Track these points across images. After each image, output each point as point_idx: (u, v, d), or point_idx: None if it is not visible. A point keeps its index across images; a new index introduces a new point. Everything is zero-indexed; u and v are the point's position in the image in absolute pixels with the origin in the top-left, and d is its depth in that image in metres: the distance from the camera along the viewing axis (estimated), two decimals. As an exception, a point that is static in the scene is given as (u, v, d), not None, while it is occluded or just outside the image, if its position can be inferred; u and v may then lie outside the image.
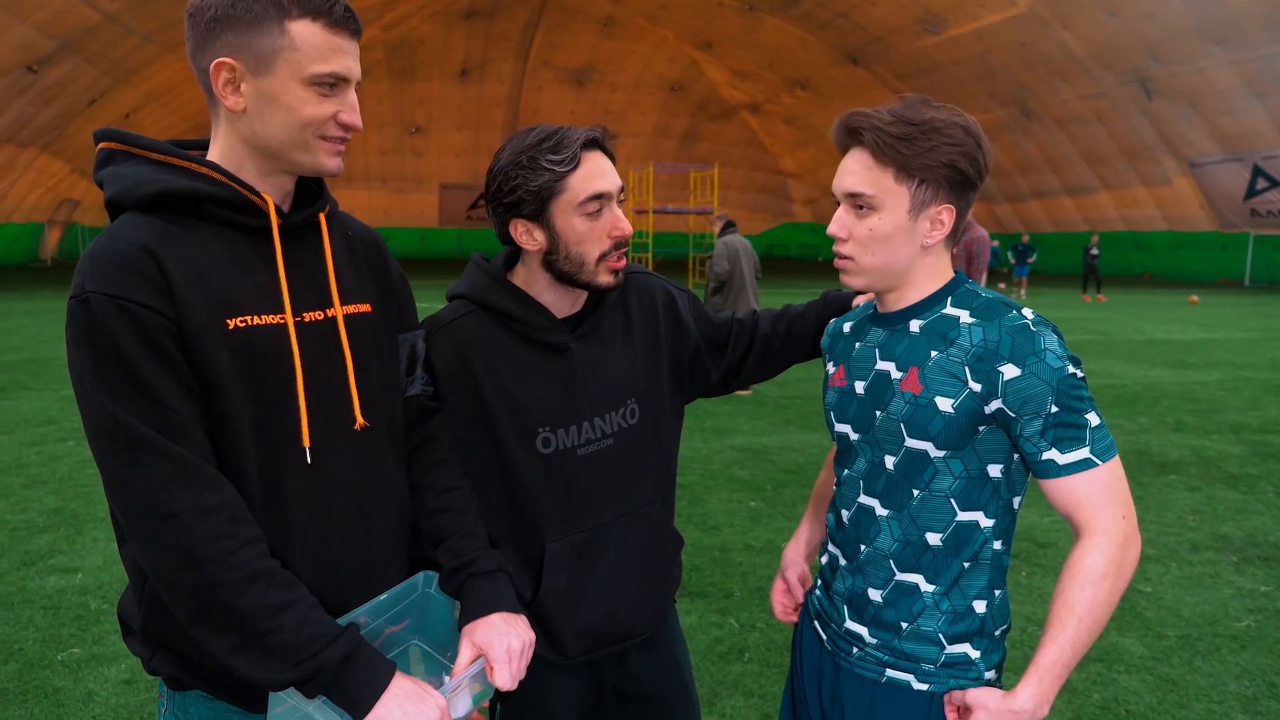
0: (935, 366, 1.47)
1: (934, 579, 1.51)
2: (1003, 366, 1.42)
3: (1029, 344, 1.42)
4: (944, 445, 1.47)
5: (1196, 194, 33.17)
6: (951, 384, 1.45)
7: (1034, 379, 1.40)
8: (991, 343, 1.44)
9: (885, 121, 1.46)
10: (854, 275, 1.55)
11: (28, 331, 14.73)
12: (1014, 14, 30.91)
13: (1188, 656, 3.75)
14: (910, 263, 1.52)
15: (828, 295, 1.98)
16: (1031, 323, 1.45)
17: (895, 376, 1.53)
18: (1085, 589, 1.39)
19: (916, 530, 1.51)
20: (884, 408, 1.54)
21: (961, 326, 1.48)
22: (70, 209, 40.83)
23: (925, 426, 1.48)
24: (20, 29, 26.11)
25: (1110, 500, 1.42)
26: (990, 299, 1.51)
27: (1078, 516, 1.43)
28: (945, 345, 1.48)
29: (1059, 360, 1.41)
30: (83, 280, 1.25)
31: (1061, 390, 1.40)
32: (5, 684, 3.44)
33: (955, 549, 1.50)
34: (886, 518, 1.55)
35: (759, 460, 6.97)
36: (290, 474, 1.37)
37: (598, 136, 1.67)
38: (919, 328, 1.53)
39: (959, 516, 1.49)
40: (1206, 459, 7.03)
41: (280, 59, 1.32)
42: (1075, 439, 1.41)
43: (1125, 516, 1.42)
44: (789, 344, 1.95)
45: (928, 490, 1.50)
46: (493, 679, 1.45)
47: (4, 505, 5.63)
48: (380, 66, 44.07)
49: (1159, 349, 13.78)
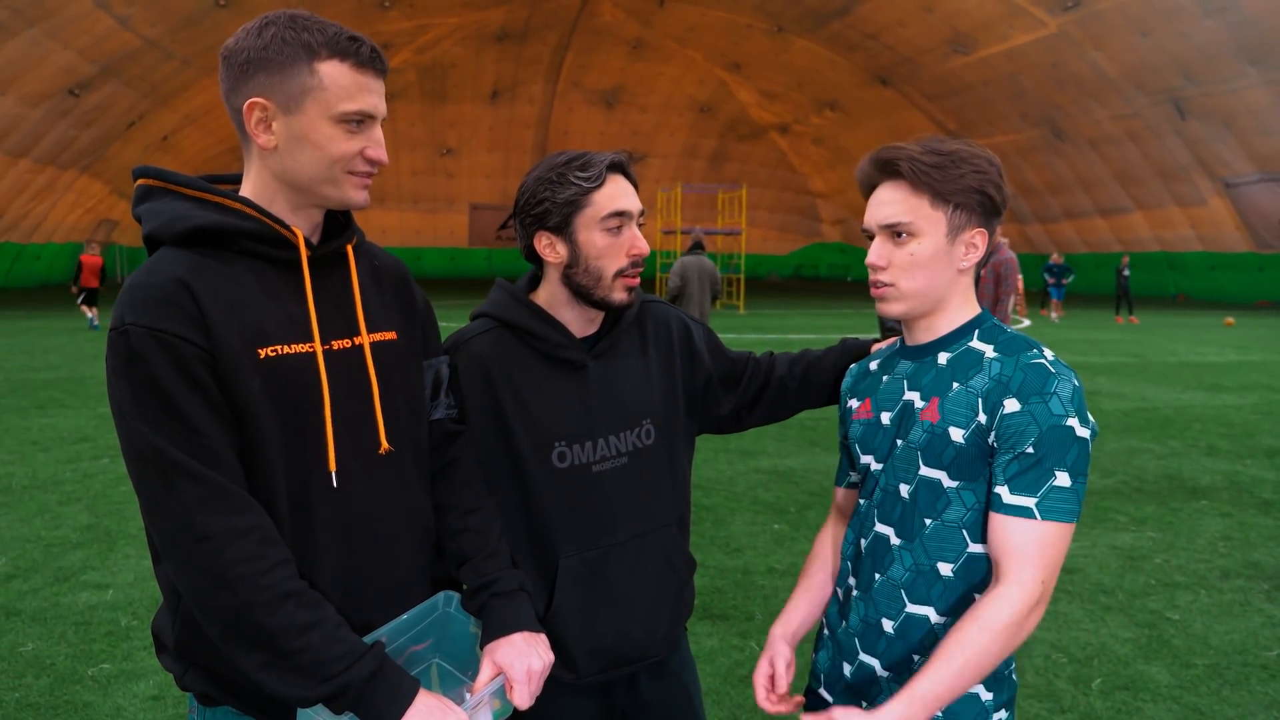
0: (955, 398, 1.49)
1: (944, 611, 1.52)
2: (1007, 400, 1.43)
3: (1039, 383, 1.42)
4: (957, 476, 1.49)
5: (1232, 214, 32.78)
6: (965, 415, 1.47)
7: (1027, 417, 1.41)
8: (1005, 377, 1.45)
9: (918, 152, 1.52)
10: (893, 302, 1.57)
11: (66, 350, 15.02)
12: (1044, 34, 30.85)
13: (1215, 686, 3.71)
14: (947, 286, 1.56)
15: (846, 342, 2.01)
16: (1049, 363, 1.45)
17: (918, 406, 1.55)
18: (983, 634, 1.37)
19: (928, 560, 1.52)
20: (905, 436, 1.55)
21: (985, 361, 1.50)
22: (109, 229, 41.64)
23: (940, 455, 1.49)
24: (63, 54, 26.81)
25: (1038, 559, 1.40)
26: (1015, 335, 1.54)
27: (1003, 561, 1.42)
28: (967, 378, 1.50)
29: (1063, 408, 1.40)
30: (122, 313, 1.31)
31: (1048, 436, 1.40)
32: (37, 698, 3.51)
33: (966, 580, 1.51)
34: (899, 547, 1.55)
35: (783, 482, 6.97)
36: (318, 497, 1.41)
37: (622, 160, 1.76)
38: (946, 360, 1.55)
39: (970, 548, 1.50)
40: (1239, 484, 6.94)
41: (310, 98, 1.37)
42: (1031, 485, 1.40)
43: (1044, 581, 1.40)
44: (804, 387, 1.99)
45: (940, 520, 1.51)
46: (512, 697, 1.49)
47: (39, 521, 5.75)
48: (413, 89, 44.71)
49: (1193, 371, 13.60)
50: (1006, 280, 7.21)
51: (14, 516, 5.84)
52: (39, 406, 9.73)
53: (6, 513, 5.93)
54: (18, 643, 3.99)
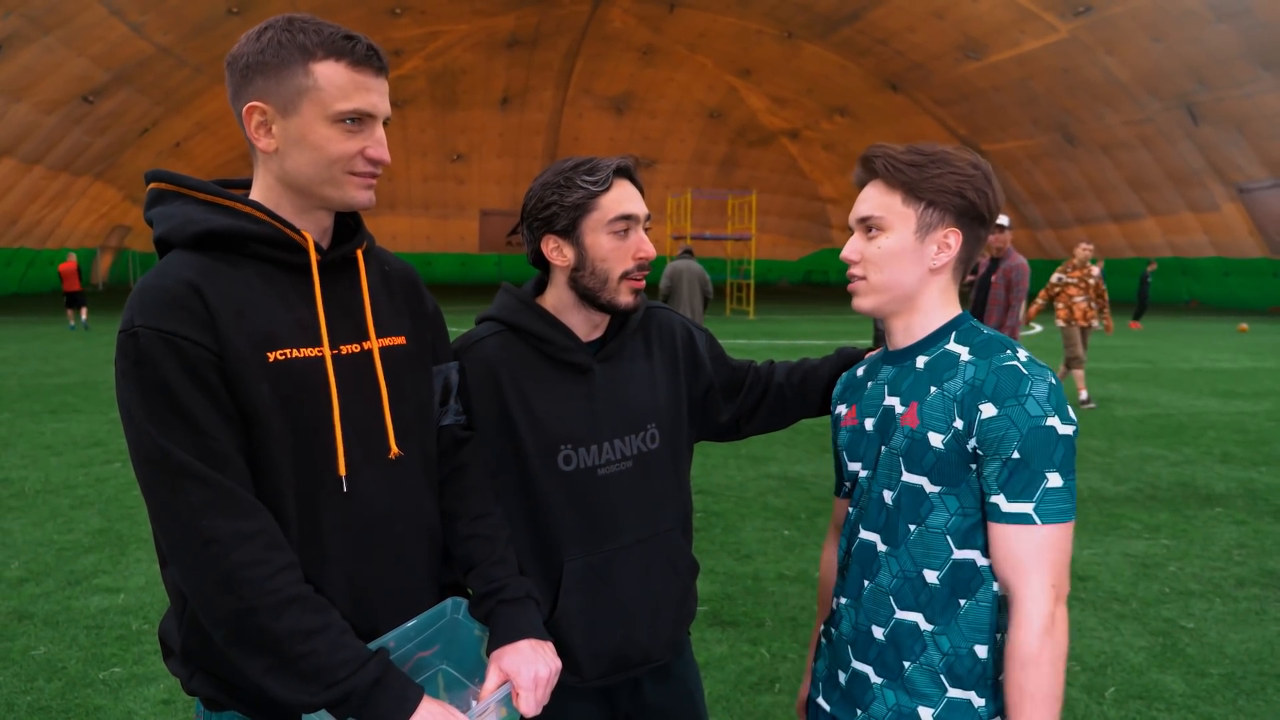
0: (932, 402, 1.49)
1: (933, 618, 1.50)
2: (982, 405, 1.42)
3: (1013, 386, 1.41)
4: (938, 481, 1.48)
5: (1246, 220, 32.61)
6: (942, 420, 1.47)
7: (1006, 421, 1.40)
8: (978, 381, 1.45)
9: (896, 152, 1.54)
10: (864, 296, 1.58)
11: (79, 355, 15.11)
12: (1056, 39, 30.78)
13: (1231, 696, 3.67)
14: (917, 285, 1.55)
15: (842, 351, 2.01)
16: (1022, 365, 1.44)
17: (899, 411, 1.54)
18: (1027, 668, 1.37)
19: (914, 567, 1.51)
20: (887, 442, 1.55)
21: (960, 364, 1.49)
22: (122, 235, 41.92)
23: (920, 460, 1.49)
24: (77, 61, 27.03)
25: (1040, 565, 1.39)
26: (990, 337, 1.53)
27: (1009, 578, 1.42)
28: (942, 381, 1.49)
29: (1040, 409, 1.40)
30: (132, 315, 1.31)
31: (1031, 439, 1.39)
32: (49, 702, 3.52)
33: (953, 588, 1.49)
34: (885, 554, 1.55)
35: (794, 488, 6.94)
36: (326, 502, 1.41)
37: (629, 165, 1.77)
38: (924, 364, 1.55)
39: (955, 554, 1.48)
40: (1254, 491, 6.88)
41: (305, 99, 1.37)
42: (1025, 491, 1.40)
43: (1055, 585, 1.39)
44: (802, 396, 1.99)
45: (924, 525, 1.50)
46: (518, 705, 1.48)
47: (52, 526, 5.78)
48: (423, 95, 44.91)
49: (1206, 378, 13.52)
50: (1017, 286, 7.17)
51: (27, 520, 5.87)
52: (52, 411, 9.79)
53: (19, 517, 5.95)
54: (29, 646, 4.00)
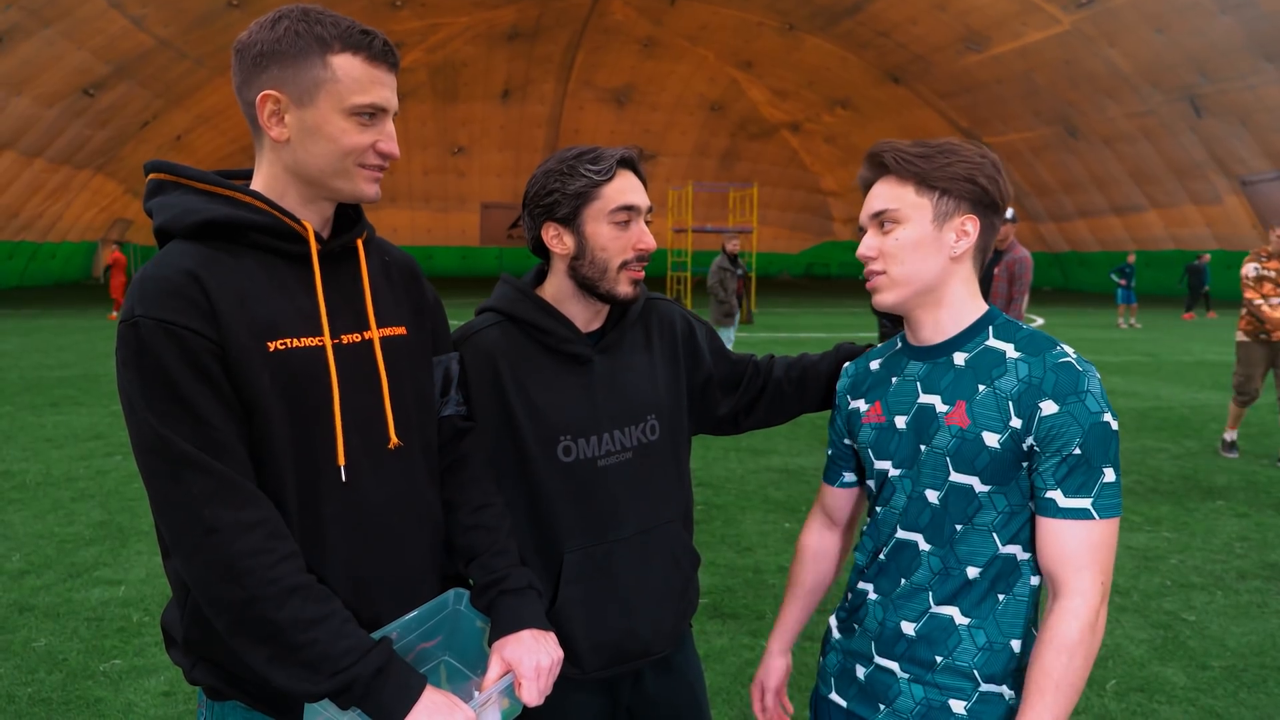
0: (983, 400, 1.47)
1: (970, 611, 1.50)
2: (1043, 403, 1.42)
3: (1072, 383, 1.42)
4: (990, 480, 1.47)
5: (1249, 212, 32.52)
6: (998, 419, 1.45)
7: (1068, 418, 1.40)
8: (1035, 378, 1.44)
9: (905, 145, 1.53)
10: (886, 290, 1.56)
11: (80, 348, 15.12)
12: (1058, 31, 30.67)
13: (1233, 688, 3.67)
14: (940, 275, 1.53)
15: (841, 347, 2.00)
16: (1076, 361, 1.44)
17: (941, 410, 1.52)
18: (1062, 655, 1.38)
19: (957, 563, 1.50)
20: (928, 441, 1.53)
21: (1008, 362, 1.48)
22: (123, 228, 41.89)
23: (972, 460, 1.47)
24: (77, 54, 26.97)
25: (1094, 561, 1.40)
26: (1032, 332, 1.52)
27: (1058, 571, 1.42)
28: (992, 380, 1.48)
29: (1098, 405, 1.41)
30: (132, 305, 1.30)
31: (1091, 435, 1.40)
32: (49, 693, 3.53)
33: (993, 582, 1.49)
34: (928, 553, 1.54)
35: (794, 481, 6.94)
36: (326, 491, 1.41)
37: (632, 156, 1.76)
38: (964, 361, 1.53)
39: (1000, 550, 1.49)
40: (1256, 484, 6.88)
41: (322, 91, 1.37)
42: (1084, 486, 1.40)
43: (1104, 582, 1.41)
44: (801, 391, 1.98)
45: (971, 524, 1.49)
46: (521, 694, 1.48)
47: (53, 518, 5.78)
48: (424, 88, 44.80)
49: (1208, 370, 13.51)
50: (1020, 279, 7.15)
51: (28, 513, 5.88)
52: (53, 404, 9.79)
53: (20, 509, 5.96)
54: (30, 638, 4.01)
